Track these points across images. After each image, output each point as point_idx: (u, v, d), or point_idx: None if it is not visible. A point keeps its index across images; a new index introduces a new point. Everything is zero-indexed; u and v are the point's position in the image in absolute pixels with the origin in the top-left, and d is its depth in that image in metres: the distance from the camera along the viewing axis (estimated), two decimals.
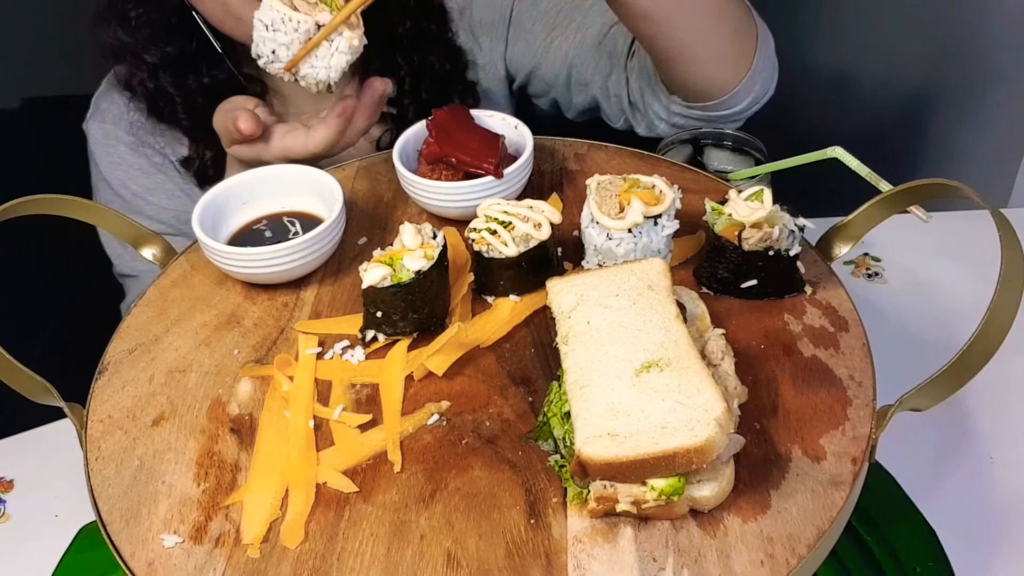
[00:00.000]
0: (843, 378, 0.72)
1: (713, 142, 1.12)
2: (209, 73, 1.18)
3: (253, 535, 0.64)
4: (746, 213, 0.76)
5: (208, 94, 1.18)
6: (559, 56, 1.29)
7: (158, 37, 1.16)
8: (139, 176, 1.24)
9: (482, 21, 1.31)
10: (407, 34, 1.23)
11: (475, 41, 1.31)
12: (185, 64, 1.17)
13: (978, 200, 0.64)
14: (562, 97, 1.33)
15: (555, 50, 1.28)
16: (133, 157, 1.24)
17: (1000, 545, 0.92)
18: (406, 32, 1.23)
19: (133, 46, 1.17)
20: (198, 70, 1.18)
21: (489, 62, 1.33)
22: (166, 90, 1.18)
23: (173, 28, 1.16)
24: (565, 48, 1.28)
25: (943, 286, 1.22)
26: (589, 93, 1.29)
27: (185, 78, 1.18)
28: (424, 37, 1.25)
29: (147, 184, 1.25)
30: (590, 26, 1.27)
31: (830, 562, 0.85)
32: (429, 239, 0.78)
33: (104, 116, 1.26)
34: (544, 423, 0.69)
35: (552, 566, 0.61)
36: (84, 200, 0.83)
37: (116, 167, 1.25)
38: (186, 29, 1.15)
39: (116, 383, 0.77)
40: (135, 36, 1.16)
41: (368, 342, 0.78)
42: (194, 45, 1.16)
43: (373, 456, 0.69)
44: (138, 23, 1.15)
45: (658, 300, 0.71)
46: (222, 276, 0.86)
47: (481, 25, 1.31)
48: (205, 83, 1.18)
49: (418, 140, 0.94)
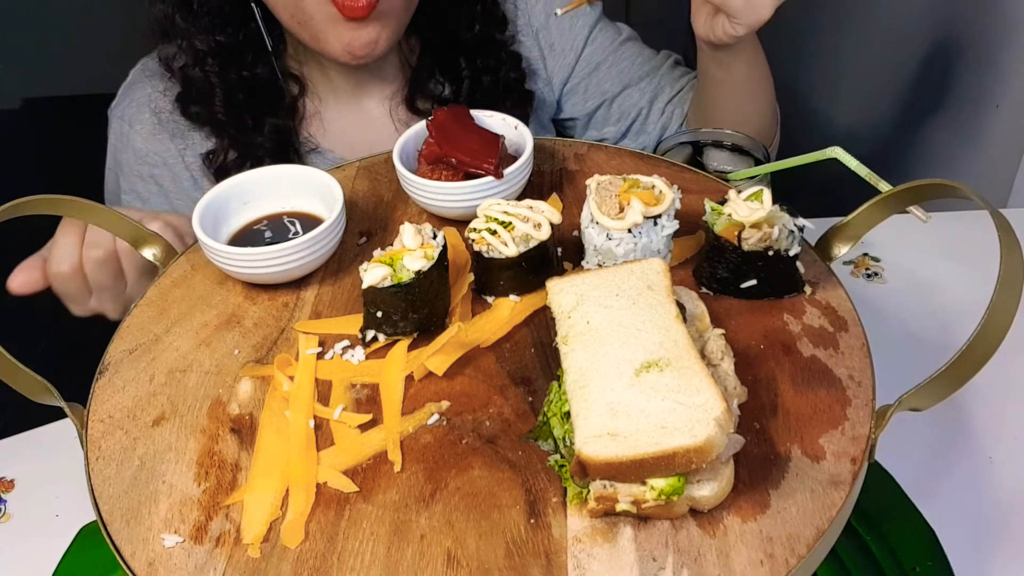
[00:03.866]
0: (842, 378, 0.72)
1: (713, 142, 1.12)
2: (251, 67, 1.18)
3: (253, 535, 0.64)
4: (746, 213, 0.76)
5: (247, 88, 1.19)
6: (618, 108, 1.36)
7: (213, 24, 1.15)
8: (148, 166, 1.24)
9: (553, 45, 1.33)
10: (473, 39, 1.24)
11: (542, 60, 1.33)
12: (231, 54, 1.17)
13: (978, 200, 0.64)
14: (579, 119, 1.38)
15: (619, 101, 1.35)
16: (146, 144, 1.24)
17: (999, 545, 0.92)
18: (472, 37, 1.24)
19: (186, 30, 1.16)
20: (242, 62, 1.18)
21: (546, 83, 1.35)
22: (208, 79, 1.18)
23: (226, 16, 1.16)
24: (628, 105, 1.35)
25: (942, 286, 1.22)
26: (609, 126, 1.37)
27: (228, 69, 1.18)
28: (490, 43, 1.26)
29: (153, 173, 1.25)
30: (660, 91, 1.35)
31: (829, 562, 0.86)
32: (429, 239, 0.78)
33: (128, 105, 1.25)
34: (544, 423, 0.69)
35: (552, 566, 0.61)
36: (84, 200, 0.83)
37: (125, 150, 1.25)
38: (238, 19, 1.16)
39: (116, 383, 0.77)
40: (192, 20, 1.15)
41: (368, 342, 0.78)
42: (241, 37, 1.17)
43: (373, 456, 0.69)
44: (200, 8, 1.15)
45: (658, 300, 0.72)
46: (222, 276, 0.87)
47: (551, 48, 1.33)
48: (245, 76, 1.18)
49: (418, 140, 0.94)
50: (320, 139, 1.26)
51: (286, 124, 1.22)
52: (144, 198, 1.26)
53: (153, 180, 1.25)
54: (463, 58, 1.25)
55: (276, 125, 1.21)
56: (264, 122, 1.21)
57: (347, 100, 1.26)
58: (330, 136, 1.27)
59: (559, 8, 1.19)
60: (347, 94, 1.26)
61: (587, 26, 1.34)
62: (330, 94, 1.26)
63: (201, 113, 1.21)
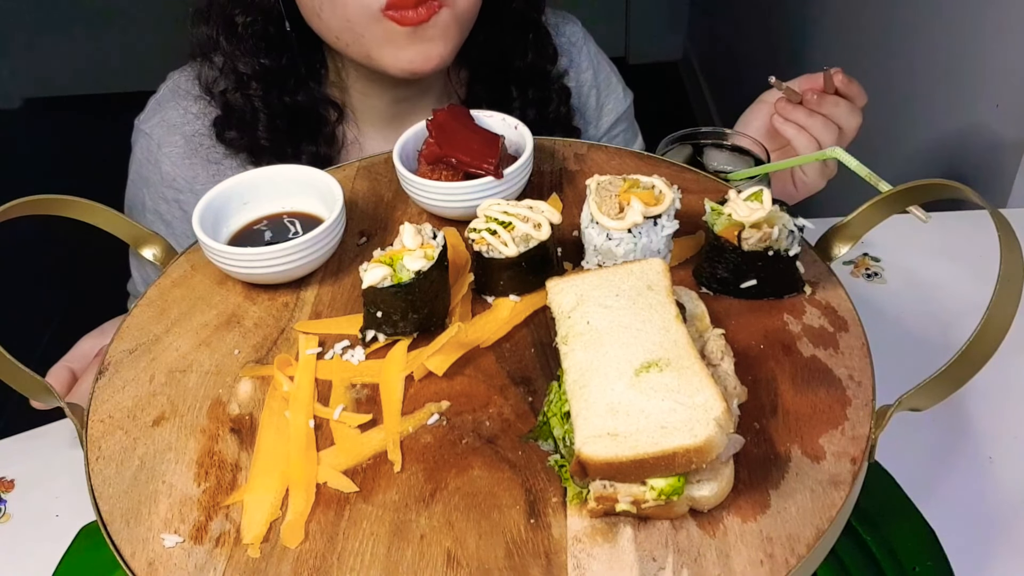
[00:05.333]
0: (842, 378, 0.72)
1: (713, 142, 1.12)
2: (293, 92, 1.16)
3: (253, 535, 0.64)
4: (746, 213, 0.76)
5: (289, 114, 1.16)
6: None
7: (257, 47, 1.13)
8: (173, 190, 1.23)
9: (583, 111, 1.36)
10: (525, 68, 1.24)
11: (598, 108, 1.36)
12: (275, 79, 1.15)
13: (978, 200, 0.64)
14: None
15: None
16: (175, 168, 1.22)
17: (999, 545, 0.92)
18: (524, 67, 1.23)
19: (230, 52, 1.14)
20: (285, 88, 1.16)
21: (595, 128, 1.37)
22: (251, 103, 1.16)
23: (272, 39, 1.13)
24: None
25: (943, 286, 1.22)
26: None
27: (271, 94, 1.15)
28: (541, 75, 1.26)
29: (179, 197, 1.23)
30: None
31: (829, 562, 0.85)
32: (429, 239, 0.78)
33: (159, 124, 1.23)
34: (544, 423, 0.69)
35: (552, 566, 0.61)
36: (84, 200, 0.83)
37: (152, 169, 1.23)
38: (281, 42, 1.13)
39: (116, 383, 0.77)
40: (236, 43, 1.13)
41: (368, 342, 0.78)
42: (284, 61, 1.15)
43: (373, 456, 0.69)
44: (244, 30, 1.12)
45: (658, 300, 0.72)
46: (222, 276, 0.87)
47: (580, 114, 1.36)
48: (287, 102, 1.16)
49: (418, 140, 0.94)
50: None
51: (326, 152, 1.20)
52: (167, 220, 1.25)
53: (178, 205, 1.24)
54: (514, 88, 1.24)
55: (315, 153, 1.19)
56: (303, 149, 1.18)
57: (387, 129, 1.24)
58: None
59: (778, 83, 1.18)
60: (387, 122, 1.24)
61: (615, 112, 1.37)
62: (370, 122, 1.24)
63: (240, 139, 1.18)
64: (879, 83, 1.88)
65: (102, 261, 1.27)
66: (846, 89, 1.13)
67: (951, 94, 1.64)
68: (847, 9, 2.18)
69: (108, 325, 1.06)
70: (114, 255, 1.24)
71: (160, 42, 1.25)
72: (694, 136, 1.12)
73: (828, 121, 1.12)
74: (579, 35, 1.35)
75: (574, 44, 1.33)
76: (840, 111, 1.13)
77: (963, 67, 1.59)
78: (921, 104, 1.74)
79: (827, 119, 1.12)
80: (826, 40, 2.31)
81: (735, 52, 3.27)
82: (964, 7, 1.58)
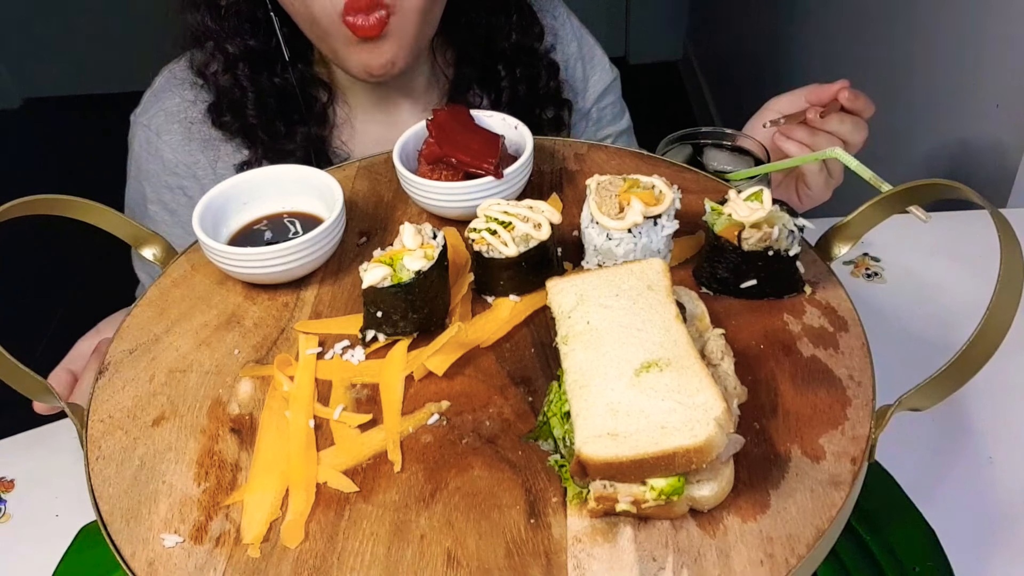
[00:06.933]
0: (842, 378, 0.72)
1: (713, 142, 1.12)
2: (281, 73, 1.18)
3: (253, 535, 0.64)
4: (746, 213, 0.76)
5: (277, 94, 1.18)
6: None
7: (243, 28, 1.16)
8: (176, 177, 1.24)
9: (572, 86, 1.36)
10: (511, 48, 1.24)
11: (585, 80, 1.36)
12: (262, 60, 1.17)
13: (978, 200, 0.64)
14: None
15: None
16: (175, 155, 1.24)
17: (1000, 545, 0.92)
18: (510, 47, 1.24)
19: (217, 34, 1.16)
20: (273, 68, 1.18)
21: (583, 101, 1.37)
22: (241, 84, 1.18)
23: (258, 21, 1.16)
24: None
25: (943, 286, 1.22)
26: None
27: (260, 74, 1.18)
28: (528, 53, 1.26)
29: (178, 184, 1.24)
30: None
31: (830, 562, 0.86)
32: (429, 239, 0.78)
33: (156, 114, 1.24)
34: (544, 423, 0.69)
35: (552, 566, 0.61)
36: (84, 200, 0.83)
37: (152, 160, 1.25)
38: (267, 24, 1.16)
39: (116, 383, 0.77)
40: (222, 24, 1.16)
41: (368, 342, 0.78)
42: (273, 43, 1.17)
43: (373, 456, 0.69)
44: (227, 11, 1.15)
45: (658, 300, 0.72)
46: (222, 276, 0.87)
47: (571, 87, 1.36)
48: (276, 83, 1.18)
49: (418, 140, 0.94)
50: (352, 147, 1.26)
51: (318, 132, 1.22)
52: (171, 209, 1.26)
53: (182, 191, 1.25)
54: (503, 67, 1.25)
55: (308, 133, 1.21)
56: (296, 130, 1.20)
57: (377, 108, 1.26)
58: (362, 144, 1.26)
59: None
60: (376, 103, 1.26)
61: (602, 83, 1.37)
62: (359, 102, 1.26)
63: (233, 122, 1.20)
64: (879, 83, 1.89)
65: (102, 261, 1.27)
66: (852, 105, 1.12)
67: (951, 94, 1.63)
68: (848, 9, 2.18)
69: (103, 324, 1.06)
70: (114, 255, 1.24)
71: (160, 42, 1.26)
72: (694, 136, 1.12)
73: (832, 137, 1.12)
74: (561, 10, 1.36)
75: (556, 19, 1.34)
76: (845, 128, 1.12)
77: (963, 67, 1.59)
78: (921, 104, 1.74)
79: (831, 135, 1.12)
80: (826, 40, 2.31)
81: (735, 52, 3.27)
82: (964, 7, 1.58)
